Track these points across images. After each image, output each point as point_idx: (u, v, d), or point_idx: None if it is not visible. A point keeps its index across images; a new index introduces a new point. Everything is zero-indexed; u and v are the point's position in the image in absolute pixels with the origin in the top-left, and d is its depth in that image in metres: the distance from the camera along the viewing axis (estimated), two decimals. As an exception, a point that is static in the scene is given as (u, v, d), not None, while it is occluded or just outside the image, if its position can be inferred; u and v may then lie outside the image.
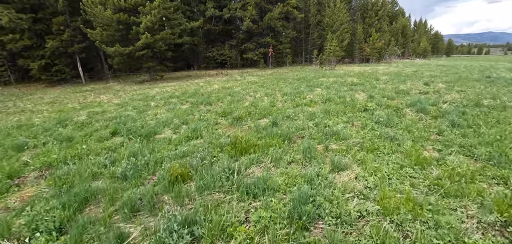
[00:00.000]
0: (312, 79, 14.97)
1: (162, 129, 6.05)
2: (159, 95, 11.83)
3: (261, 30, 29.46)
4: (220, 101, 9.42)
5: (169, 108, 8.44)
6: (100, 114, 8.36)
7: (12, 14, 17.85)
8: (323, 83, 12.86)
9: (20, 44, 19.20)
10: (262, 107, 7.58)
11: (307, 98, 8.95)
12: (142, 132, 5.76)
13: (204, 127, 6.03)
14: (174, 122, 6.62)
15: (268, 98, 9.44)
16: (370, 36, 37.24)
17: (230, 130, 5.76)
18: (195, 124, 6.33)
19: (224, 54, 28.62)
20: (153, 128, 6.08)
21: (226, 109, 7.68)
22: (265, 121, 6.29)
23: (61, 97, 14.48)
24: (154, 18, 15.68)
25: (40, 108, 11.20)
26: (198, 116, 7.16)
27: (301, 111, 7.04)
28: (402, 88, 10.27)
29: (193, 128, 5.72)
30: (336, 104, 7.62)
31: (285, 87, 12.09)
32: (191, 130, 5.64)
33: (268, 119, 6.33)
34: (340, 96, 8.64)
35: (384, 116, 5.96)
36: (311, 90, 10.81)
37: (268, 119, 6.31)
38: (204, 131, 5.67)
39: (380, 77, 14.83)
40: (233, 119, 6.40)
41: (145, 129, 5.98)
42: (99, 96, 13.67)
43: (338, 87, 11.38)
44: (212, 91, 11.99)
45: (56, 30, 19.15)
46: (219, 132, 5.54)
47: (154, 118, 7.26)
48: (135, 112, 8.44)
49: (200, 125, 6.04)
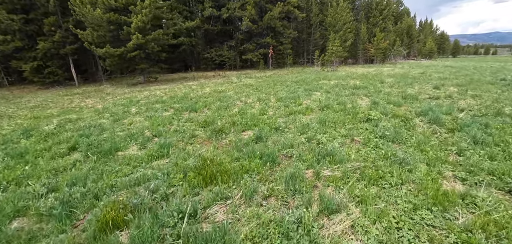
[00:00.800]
0: (312, 82, 14.02)
1: (128, 144, 5.19)
2: (145, 100, 11.01)
3: (261, 30, 28.58)
4: (207, 107, 8.56)
5: (148, 116, 7.60)
6: (72, 122, 7.56)
7: (2, 14, 17.29)
8: (323, 86, 11.92)
9: (12, 46, 18.60)
10: (250, 116, 6.69)
11: (303, 104, 8.03)
12: (103, 148, 4.90)
13: (176, 141, 5.16)
14: (145, 134, 5.77)
15: (260, 103, 8.54)
16: (375, 36, 36.09)
17: (206, 146, 4.88)
18: (169, 137, 5.47)
19: (223, 55, 27.79)
20: (119, 142, 5.22)
21: (210, 118, 6.81)
22: (250, 133, 5.39)
23: (47, 101, 13.79)
24: (145, 17, 14.92)
25: (19, 114, 10.47)
26: (176, 126, 6.30)
27: (293, 120, 6.12)
28: (409, 92, 9.28)
29: (162, 143, 4.85)
30: (335, 112, 6.69)
31: (282, 90, 11.17)
32: (160, 145, 4.76)
33: (253, 132, 5.43)
34: (340, 102, 7.70)
35: (391, 129, 5.01)
36: (309, 94, 9.88)
37: (254, 132, 5.41)
38: (175, 148, 4.80)
39: (385, 80, 13.82)
40: (214, 131, 5.51)
41: (109, 144, 5.13)
42: (85, 100, 12.93)
43: (339, 90, 10.43)
44: (202, 96, 11.14)
45: (47, 31, 18.54)
46: (191, 149, 4.66)
47: (126, 129, 6.41)
48: (111, 119, 7.63)
49: (172, 140, 5.19)
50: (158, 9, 16.41)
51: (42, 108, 11.60)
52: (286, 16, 30.36)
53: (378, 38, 35.34)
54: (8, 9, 17.90)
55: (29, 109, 11.63)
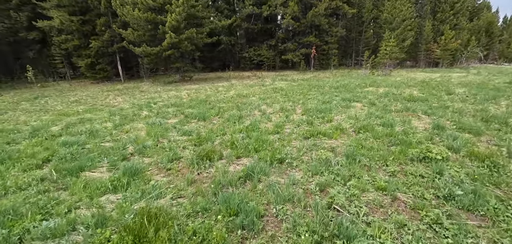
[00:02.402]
0: (355, 89, 11.76)
1: (98, 162, 4.34)
2: (165, 101, 10.52)
3: (304, 29, 26.49)
4: (218, 116, 7.43)
5: (151, 123, 6.82)
6: (79, 125, 7.28)
7: (64, 16, 19.34)
8: (368, 96, 9.69)
9: (71, 44, 20.84)
10: (258, 134, 5.27)
11: (333, 120, 6.23)
12: (73, 165, 4.14)
13: (149, 166, 4.11)
14: (127, 149, 4.89)
15: (281, 115, 7.02)
16: (442, 34, 30.33)
17: (179, 177, 3.69)
18: (148, 156, 4.49)
19: (262, 55, 26.63)
20: (92, 158, 4.43)
21: (211, 133, 5.64)
22: (245, 163, 4.01)
23: (88, 97, 14.66)
24: (179, 16, 14.68)
25: (57, 108, 11.09)
26: (167, 141, 5.28)
27: (312, 148, 4.50)
28: (493, 113, 6.57)
29: (129, 167, 3.84)
30: (376, 138, 4.81)
31: (314, 98, 9.40)
32: (125, 171, 3.77)
33: (249, 162, 4.04)
34: (387, 122, 5.67)
35: (465, 184, 3.04)
36: (347, 106, 7.92)
37: (250, 162, 4.01)
38: (141, 176, 3.73)
39: (455, 90, 10.71)
40: (201, 155, 4.28)
41: (82, 159, 4.38)
42: (118, 97, 13.25)
43: (388, 103, 8.17)
44: (222, 100, 10.11)
45: (99, 31, 20.14)
46: (158, 183, 3.50)
47: (116, 139, 5.69)
48: (117, 122, 7.12)
49: (145, 164, 4.16)
50: (193, 8, 16.11)
51: (79, 103, 12.18)
52: (333, 13, 27.56)
53: (447, 37, 29.53)
54: (70, 11, 19.99)
55: (68, 103, 12.35)
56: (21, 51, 27.79)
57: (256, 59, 27.08)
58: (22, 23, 25.44)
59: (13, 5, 24.55)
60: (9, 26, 25.35)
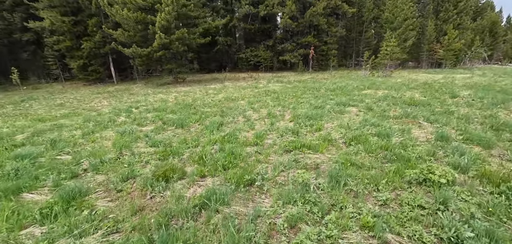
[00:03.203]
0: (353, 91, 11.05)
1: (46, 180, 3.72)
2: (148, 105, 9.88)
3: (302, 29, 25.81)
4: (199, 122, 6.78)
5: (123, 131, 6.18)
6: (48, 132, 6.67)
7: (55, 17, 18.83)
8: (366, 99, 8.99)
9: (63, 45, 20.34)
10: (233, 147, 4.60)
11: (323, 129, 5.55)
12: (11, 185, 3.52)
13: (98, 186, 3.48)
14: (81, 165, 4.27)
15: (266, 123, 6.34)
16: (445, 34, 29.50)
17: (122, 206, 3.03)
18: (100, 172, 3.85)
19: (259, 56, 25.96)
20: (36, 176, 3.80)
21: (183, 144, 5.00)
22: (208, 184, 3.35)
23: (77, 99, 14.10)
24: (169, 16, 14.08)
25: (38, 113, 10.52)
26: (127, 157, 4.63)
27: (291, 165, 3.82)
28: (504, 119, 5.85)
29: (71, 189, 3.21)
30: (368, 152, 4.12)
31: (306, 103, 8.72)
32: (65, 193, 3.14)
33: (213, 183, 3.38)
34: (382, 132, 4.97)
35: (478, 222, 2.35)
36: (342, 111, 7.23)
37: (214, 183, 3.36)
38: (78, 203, 3.09)
39: (459, 92, 9.97)
40: (157, 174, 3.63)
41: (25, 176, 3.75)
42: (104, 100, 12.66)
43: (387, 107, 7.46)
44: (209, 103, 9.46)
45: (90, 31, 19.62)
46: (83, 217, 2.85)
47: (79, 149, 5.06)
48: (90, 127, 6.51)
49: (90, 185, 3.52)
50: (184, 7, 15.50)
51: (62, 107, 11.60)
52: (332, 12, 26.82)
53: (450, 37, 28.70)
54: (61, 12, 19.49)
55: (51, 107, 11.79)
56: (16, 52, 27.41)
57: (253, 60, 26.42)
58: (16, 24, 25.07)
59: (7, 6, 24.17)
60: (3, 27, 24.99)
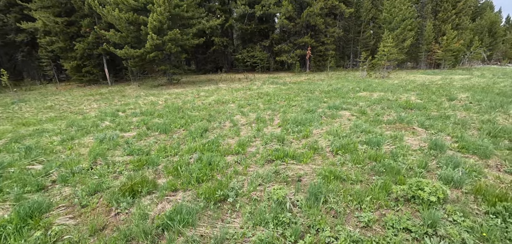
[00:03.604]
0: (347, 94, 10.77)
1: (9, 194, 3.43)
2: (137, 109, 9.58)
3: (299, 29, 25.53)
4: (184, 128, 6.48)
5: (102, 137, 5.88)
6: (28, 138, 6.38)
7: (48, 18, 18.54)
8: (360, 102, 8.71)
9: (56, 46, 20.05)
10: (212, 156, 4.31)
11: (312, 135, 5.26)
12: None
13: (59, 201, 3.18)
14: (48, 176, 3.97)
15: (253, 128, 6.05)
16: (444, 34, 29.26)
17: (83, 225, 2.74)
18: (67, 185, 3.55)
19: (255, 56, 25.67)
20: None
21: (161, 152, 4.71)
22: (178, 199, 3.06)
23: (68, 101, 13.81)
24: (161, 16, 13.79)
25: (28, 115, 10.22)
26: (99, 167, 4.33)
27: (271, 177, 3.53)
28: (503, 125, 5.56)
29: (31, 204, 2.92)
30: (355, 163, 3.83)
31: (298, 106, 8.43)
32: (24, 210, 2.86)
33: (183, 198, 3.09)
34: (372, 139, 4.67)
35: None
36: (334, 115, 6.94)
37: (184, 199, 3.08)
38: (33, 221, 2.80)
39: (457, 95, 9.68)
40: (124, 188, 3.34)
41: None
42: (94, 103, 12.36)
43: (381, 111, 7.17)
44: (198, 107, 9.16)
45: (84, 32, 19.33)
46: (34, 239, 2.56)
47: (52, 158, 4.76)
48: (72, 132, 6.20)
49: (54, 200, 3.23)
50: (178, 8, 15.20)
51: (51, 110, 11.30)
52: (330, 12, 26.55)
53: (449, 37, 28.47)
54: (54, 12, 19.20)
55: (40, 110, 11.50)
56: (11, 53, 27.11)
57: (250, 61, 26.13)
58: (10, 25, 24.75)
59: (1, 6, 23.88)
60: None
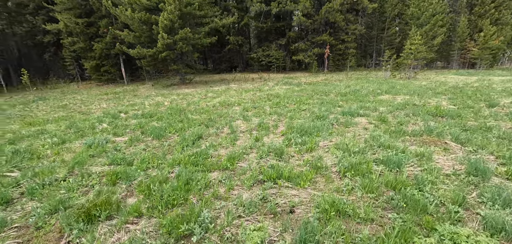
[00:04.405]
0: (367, 96, 9.69)
1: None
2: (140, 110, 9.29)
3: (317, 26, 24.32)
4: (178, 134, 5.95)
5: (90, 142, 5.52)
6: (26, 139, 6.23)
7: (69, 19, 19.22)
8: (381, 106, 7.68)
9: (78, 46, 20.79)
10: (193, 173, 3.70)
11: (317, 148, 4.46)
12: None
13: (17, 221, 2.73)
14: (17, 187, 3.58)
15: (252, 136, 5.36)
16: (480, 30, 26.40)
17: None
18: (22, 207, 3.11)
19: (270, 55, 24.86)
20: None
21: (143, 164, 4.19)
22: (136, 231, 2.47)
23: (83, 100, 14.06)
24: (171, 15, 13.53)
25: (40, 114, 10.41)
26: (73, 179, 3.89)
27: (256, 207, 2.83)
28: None
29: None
30: (367, 191, 2.99)
31: (308, 110, 7.59)
32: None
33: (144, 229, 2.50)
34: (392, 157, 3.77)
35: None
36: (348, 122, 6.03)
37: (145, 229, 2.48)
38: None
39: (499, 100, 8.25)
40: (79, 212, 2.82)
41: None
42: (105, 102, 12.38)
43: (404, 119, 6.14)
44: (201, 109, 8.64)
45: (102, 32, 19.80)
46: None
47: (34, 164, 4.44)
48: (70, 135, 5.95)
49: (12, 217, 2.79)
50: (189, 6, 14.89)
51: (65, 108, 11.45)
52: (351, 8, 24.98)
53: (487, 34, 25.60)
54: (76, 14, 19.88)
55: (54, 108, 11.71)
56: (41, 53, 28.79)
57: (265, 60, 25.38)
58: (38, 27, 26.22)
59: (31, 9, 25.37)
60: (28, 29, 26.29)
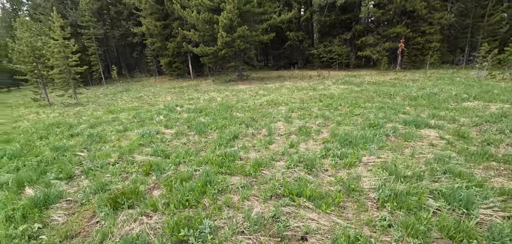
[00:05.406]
0: (445, 102, 7.85)
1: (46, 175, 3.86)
2: (195, 105, 9.98)
3: (390, 17, 21.19)
4: (219, 131, 6.06)
5: (142, 133, 6.18)
6: (103, 124, 7.52)
7: (150, 23, 22.37)
8: (462, 117, 6.05)
9: (156, 46, 24.07)
10: (217, 172, 3.62)
11: (359, 164, 3.77)
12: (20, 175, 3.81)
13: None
14: (80, 166, 4.25)
15: (289, 141, 4.97)
16: None
17: (69, 224, 2.59)
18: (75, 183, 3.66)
19: (332, 51, 23.09)
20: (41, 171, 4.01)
21: (173, 160, 4.39)
22: (149, 223, 2.53)
23: (154, 92, 16.24)
24: (231, 14, 14.03)
25: (120, 103, 12.50)
26: (122, 164, 4.36)
27: (265, 224, 2.52)
28: None
29: (43, 195, 3.07)
30: (411, 235, 2.28)
31: (362, 116, 6.62)
32: (34, 199, 3.03)
33: (153, 224, 2.55)
34: (460, 192, 2.82)
35: None
36: (408, 135, 4.94)
37: (154, 225, 2.52)
38: None
39: None
40: (113, 197, 3.08)
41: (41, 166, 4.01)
42: (170, 96, 13.91)
43: (495, 136, 4.63)
44: (248, 107, 8.64)
45: (174, 33, 22.28)
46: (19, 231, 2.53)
47: (100, 147, 5.25)
48: (130, 124, 6.91)
49: (65, 192, 3.31)
50: (248, 4, 15.14)
51: (139, 100, 13.43)
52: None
53: None
54: (156, 18, 22.98)
55: (132, 99, 13.88)
56: (131, 52, 34.69)
57: (326, 56, 23.78)
58: (130, 29, 31.58)
59: (124, 16, 30.75)
60: (122, 32, 31.98)
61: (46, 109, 12.46)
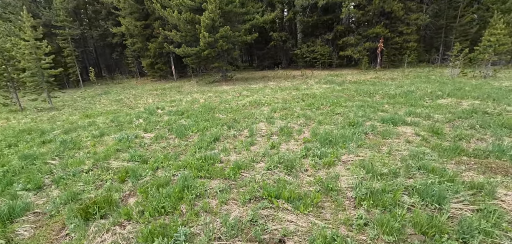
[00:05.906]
0: (422, 99, 8.19)
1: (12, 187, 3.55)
2: (176, 107, 9.75)
3: (370, 18, 21.88)
4: (200, 133, 5.93)
5: (119, 138, 5.92)
6: (78, 130, 7.14)
7: (130, 22, 21.64)
8: (438, 113, 6.31)
9: (137, 46, 23.33)
10: (195, 177, 3.51)
11: (338, 163, 3.80)
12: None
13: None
14: (50, 175, 3.98)
15: (270, 142, 4.95)
16: None
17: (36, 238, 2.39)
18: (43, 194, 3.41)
19: (315, 51, 23.48)
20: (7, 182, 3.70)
21: (150, 165, 4.22)
22: (121, 234, 2.40)
23: (135, 94, 15.70)
24: (213, 14, 13.86)
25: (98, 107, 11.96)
26: (95, 171, 4.14)
27: (242, 228, 2.46)
28: None
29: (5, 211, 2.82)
30: (386, 232, 2.32)
31: (342, 115, 6.74)
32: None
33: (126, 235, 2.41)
34: (433, 189, 2.91)
35: None
36: (386, 132, 5.09)
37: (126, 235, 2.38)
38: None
39: None
40: (83, 207, 2.90)
41: None
42: (152, 98, 13.51)
43: (467, 132, 4.86)
44: (230, 108, 8.55)
45: (155, 33, 21.70)
46: None
47: (72, 154, 4.95)
48: (108, 129, 6.59)
49: (31, 203, 3.07)
50: (230, 4, 15.02)
51: (118, 103, 12.92)
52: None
53: None
54: (136, 17, 22.26)
55: (111, 102, 13.33)
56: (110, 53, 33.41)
57: (309, 56, 24.13)
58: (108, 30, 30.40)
59: (103, 15, 29.55)
60: (101, 33, 30.72)
61: (17, 115, 11.67)
